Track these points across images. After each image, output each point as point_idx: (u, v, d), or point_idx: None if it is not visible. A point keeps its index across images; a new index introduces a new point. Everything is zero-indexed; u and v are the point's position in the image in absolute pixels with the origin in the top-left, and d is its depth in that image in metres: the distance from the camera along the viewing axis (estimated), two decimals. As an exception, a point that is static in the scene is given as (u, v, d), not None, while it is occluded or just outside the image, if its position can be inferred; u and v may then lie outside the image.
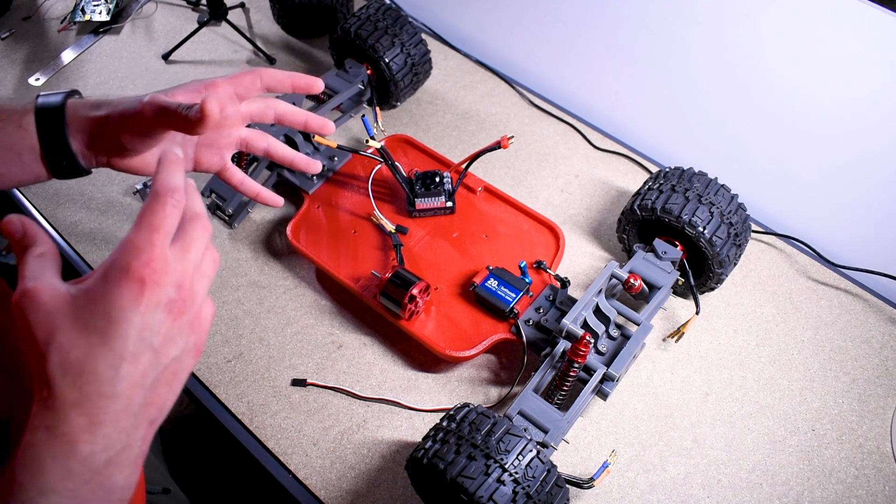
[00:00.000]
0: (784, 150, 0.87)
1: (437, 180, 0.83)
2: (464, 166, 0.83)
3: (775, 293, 0.83)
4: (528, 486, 0.54)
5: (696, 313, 0.75)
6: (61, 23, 1.15)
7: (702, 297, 0.81)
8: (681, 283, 0.76)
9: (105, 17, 1.14)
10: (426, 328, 0.75)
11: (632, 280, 0.70)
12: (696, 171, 0.77)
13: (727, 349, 0.78)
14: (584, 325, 0.69)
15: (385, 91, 0.97)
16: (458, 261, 0.80)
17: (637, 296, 0.72)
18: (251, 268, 0.85)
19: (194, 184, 0.38)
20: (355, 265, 0.80)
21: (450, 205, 0.84)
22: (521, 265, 0.78)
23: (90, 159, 0.50)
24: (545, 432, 0.63)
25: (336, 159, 0.89)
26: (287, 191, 0.91)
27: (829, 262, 0.85)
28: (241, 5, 1.19)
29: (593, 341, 0.68)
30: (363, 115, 0.82)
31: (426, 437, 0.60)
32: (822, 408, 0.74)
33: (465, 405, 0.61)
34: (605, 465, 0.61)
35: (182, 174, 0.37)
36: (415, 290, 0.71)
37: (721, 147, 0.93)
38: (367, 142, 0.78)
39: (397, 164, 0.82)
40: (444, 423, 0.60)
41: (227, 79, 0.52)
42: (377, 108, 0.97)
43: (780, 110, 0.84)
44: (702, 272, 0.76)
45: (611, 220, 0.90)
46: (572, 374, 0.64)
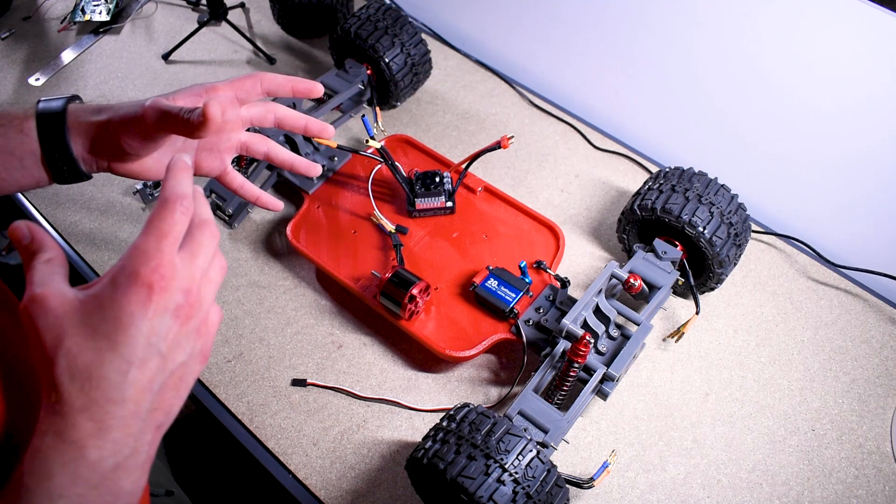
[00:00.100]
0: (784, 150, 0.87)
1: (437, 180, 0.83)
2: (464, 166, 0.83)
3: (775, 293, 0.83)
4: (528, 486, 0.54)
5: (696, 313, 0.75)
6: (61, 23, 1.15)
7: (702, 297, 0.81)
8: (681, 283, 0.76)
9: (105, 17, 1.14)
10: (426, 328, 0.75)
11: (632, 280, 0.70)
12: (696, 171, 0.77)
13: (727, 349, 0.78)
14: (584, 325, 0.69)
15: (385, 91, 0.97)
16: (458, 261, 0.80)
17: (637, 296, 0.72)
18: (251, 268, 0.85)
19: (202, 190, 0.38)
20: (355, 265, 0.80)
21: (450, 205, 0.84)
22: (521, 265, 0.78)
23: (91, 164, 0.50)
24: (545, 432, 0.63)
25: (336, 159, 0.89)
26: (287, 191, 0.91)
27: (829, 262, 0.85)
28: (241, 5, 1.19)
29: (593, 341, 0.68)
30: (363, 115, 0.82)
31: (426, 437, 0.60)
32: (822, 408, 0.74)
33: (465, 405, 0.61)
34: (605, 465, 0.61)
35: (190, 181, 0.37)
36: (415, 290, 0.71)
37: (721, 147, 0.93)
38: (367, 142, 0.78)
39: (397, 164, 0.82)
40: (444, 423, 0.60)
41: (228, 82, 0.52)
42: (377, 108, 0.97)
43: (780, 110, 0.84)
44: (702, 272, 0.76)
45: (611, 220, 0.90)
46: (572, 374, 0.64)
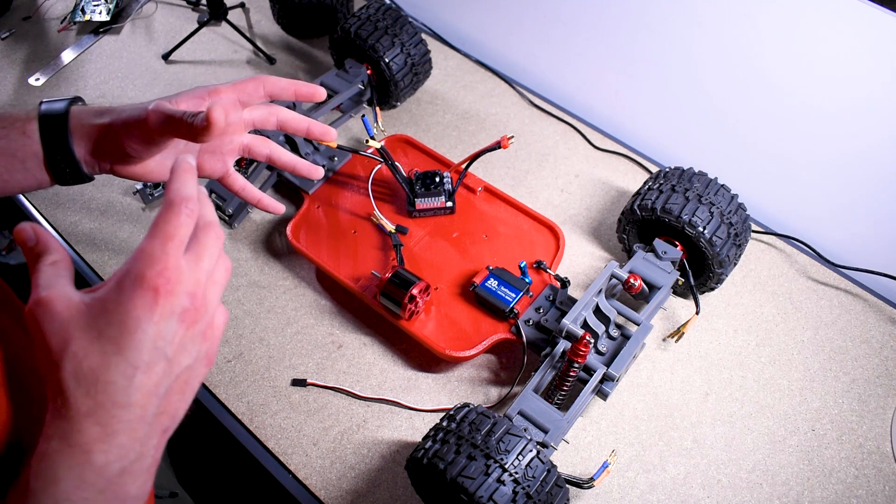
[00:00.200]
0: (784, 150, 0.87)
1: (437, 180, 0.83)
2: (464, 166, 0.83)
3: (775, 293, 0.83)
4: (528, 486, 0.54)
5: (696, 313, 0.75)
6: (61, 23, 1.15)
7: (702, 297, 0.81)
8: (681, 283, 0.76)
9: (105, 17, 1.14)
10: (426, 328, 0.75)
11: (632, 280, 0.70)
12: (696, 171, 0.77)
13: (727, 349, 0.78)
14: (584, 325, 0.69)
15: (385, 91, 0.97)
16: (458, 261, 0.80)
17: (637, 296, 0.72)
18: (251, 268, 0.85)
19: (207, 192, 0.38)
20: (355, 265, 0.80)
21: (450, 205, 0.84)
22: (521, 265, 0.78)
23: (93, 166, 0.50)
24: (545, 432, 0.63)
25: (336, 159, 0.89)
26: (287, 191, 0.91)
27: (829, 262, 0.85)
28: (241, 5, 1.19)
29: (593, 341, 0.68)
30: (363, 115, 0.82)
31: (426, 437, 0.60)
32: (822, 408, 0.74)
33: (465, 405, 0.61)
34: (605, 465, 0.61)
35: (195, 183, 0.36)
36: (415, 290, 0.71)
37: (721, 147, 0.93)
38: (367, 142, 0.78)
39: (397, 164, 0.82)
40: (444, 423, 0.60)
41: (231, 85, 0.52)
42: (377, 108, 0.97)
43: (780, 110, 0.84)
44: (702, 272, 0.76)
45: (611, 220, 0.90)
46: (572, 374, 0.64)
